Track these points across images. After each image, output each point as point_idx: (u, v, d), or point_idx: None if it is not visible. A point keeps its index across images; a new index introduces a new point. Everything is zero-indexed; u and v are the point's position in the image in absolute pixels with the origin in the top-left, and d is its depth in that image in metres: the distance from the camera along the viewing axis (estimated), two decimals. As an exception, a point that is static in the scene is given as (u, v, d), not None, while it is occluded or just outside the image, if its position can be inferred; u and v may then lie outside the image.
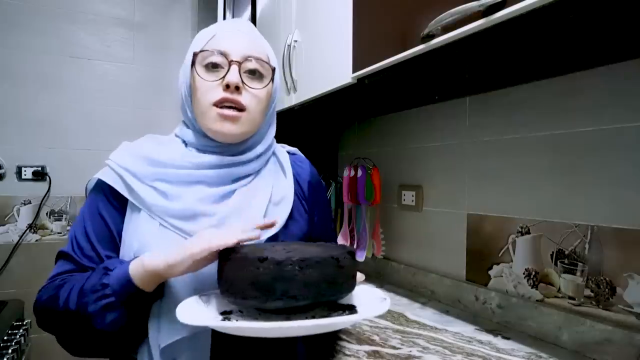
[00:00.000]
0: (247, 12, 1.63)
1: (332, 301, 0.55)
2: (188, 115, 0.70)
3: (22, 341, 1.54)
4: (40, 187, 1.97)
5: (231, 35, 0.68)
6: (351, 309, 0.56)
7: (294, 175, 0.76)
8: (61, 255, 0.66)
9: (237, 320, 0.53)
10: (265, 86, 0.69)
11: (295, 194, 0.75)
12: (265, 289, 0.48)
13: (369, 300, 0.57)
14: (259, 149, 0.72)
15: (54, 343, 0.61)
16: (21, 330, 1.58)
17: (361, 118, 1.57)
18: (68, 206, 2.02)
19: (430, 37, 0.69)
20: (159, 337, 0.58)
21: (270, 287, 0.48)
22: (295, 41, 1.24)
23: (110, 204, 0.66)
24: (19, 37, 1.94)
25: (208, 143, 0.69)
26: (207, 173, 0.67)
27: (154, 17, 2.21)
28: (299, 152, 0.85)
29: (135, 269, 0.55)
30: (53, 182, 1.98)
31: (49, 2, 1.99)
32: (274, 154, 0.77)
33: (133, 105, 2.15)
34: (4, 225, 1.91)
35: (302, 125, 1.66)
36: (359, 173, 1.36)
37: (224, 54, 0.66)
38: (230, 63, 0.65)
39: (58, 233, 2.01)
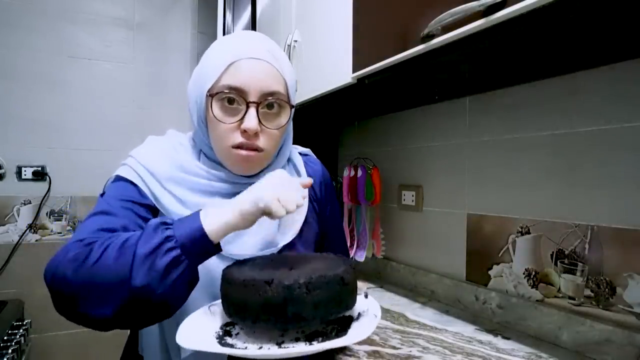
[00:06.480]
0: (247, 12, 1.63)
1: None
2: (201, 137, 0.69)
3: (22, 341, 1.54)
4: (40, 187, 1.97)
5: (249, 67, 0.63)
6: (345, 322, 0.56)
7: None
8: (93, 215, 0.58)
9: (237, 333, 0.54)
10: (282, 126, 0.66)
11: (308, 196, 0.75)
12: (276, 312, 0.49)
13: (363, 313, 0.57)
14: (274, 165, 0.72)
15: (54, 343, 0.60)
16: (21, 330, 1.58)
17: (361, 118, 1.57)
18: (68, 206, 2.02)
19: (430, 37, 0.69)
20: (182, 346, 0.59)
21: (282, 310, 0.49)
22: (295, 41, 1.24)
23: (140, 194, 0.63)
24: (19, 37, 1.94)
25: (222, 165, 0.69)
26: (223, 185, 0.67)
27: (154, 17, 2.21)
28: (311, 152, 0.85)
29: (206, 217, 0.52)
30: (53, 182, 1.98)
31: (48, 2, 1.99)
32: (289, 159, 0.77)
33: (133, 105, 2.15)
34: (4, 225, 1.91)
35: (302, 125, 1.65)
36: (359, 173, 1.36)
37: (241, 94, 0.62)
38: (248, 105, 0.62)
39: (58, 233, 2.01)
